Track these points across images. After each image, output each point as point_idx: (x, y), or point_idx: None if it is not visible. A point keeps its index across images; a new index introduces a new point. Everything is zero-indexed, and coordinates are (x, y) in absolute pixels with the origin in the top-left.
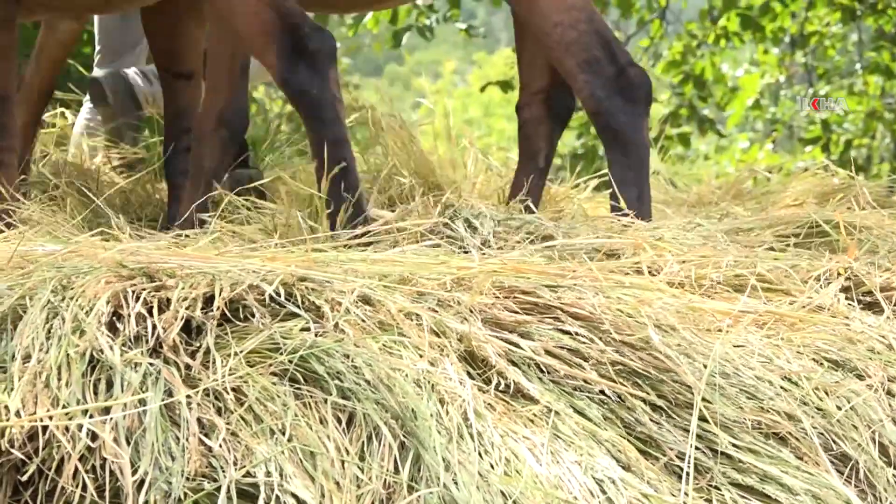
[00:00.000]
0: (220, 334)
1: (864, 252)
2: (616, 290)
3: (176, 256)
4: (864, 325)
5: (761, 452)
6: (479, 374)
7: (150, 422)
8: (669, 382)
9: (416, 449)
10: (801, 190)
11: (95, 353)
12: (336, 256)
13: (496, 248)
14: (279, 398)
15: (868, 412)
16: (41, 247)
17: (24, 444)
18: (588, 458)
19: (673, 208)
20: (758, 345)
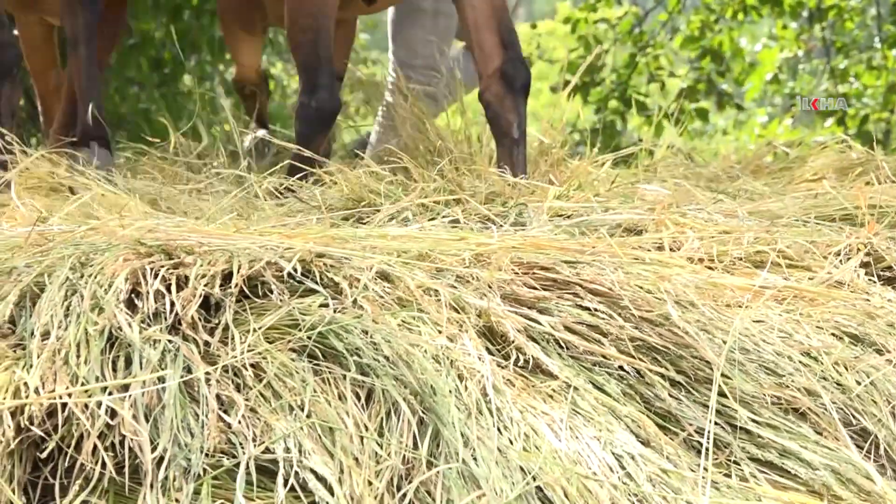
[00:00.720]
0: (238, 311)
1: (885, 227)
2: (636, 266)
3: (194, 233)
4: (883, 300)
5: (780, 428)
6: (498, 350)
7: (169, 399)
8: (689, 358)
9: (435, 425)
10: (820, 165)
11: (114, 331)
12: (355, 233)
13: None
14: (298, 374)
15: (888, 387)
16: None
17: (43, 422)
18: (607, 433)
19: (692, 183)
20: (777, 320)
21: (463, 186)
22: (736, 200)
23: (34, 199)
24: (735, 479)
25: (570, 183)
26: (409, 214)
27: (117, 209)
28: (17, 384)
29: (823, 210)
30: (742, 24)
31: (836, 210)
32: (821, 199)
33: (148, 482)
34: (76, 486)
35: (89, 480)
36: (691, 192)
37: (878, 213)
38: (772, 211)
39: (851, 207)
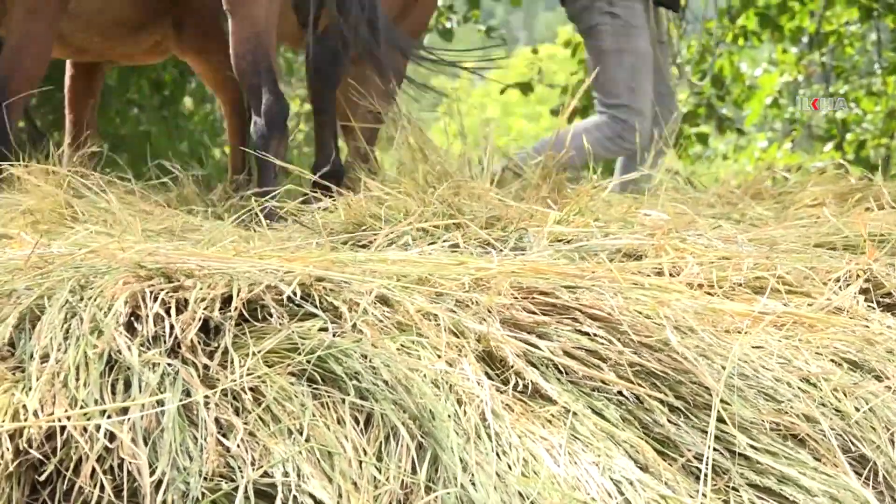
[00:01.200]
0: (237, 334)
1: (884, 253)
2: (635, 292)
3: (194, 257)
4: (882, 327)
5: (779, 454)
6: (497, 375)
7: (168, 422)
8: (687, 384)
9: (434, 449)
10: (819, 190)
11: (113, 354)
12: (354, 257)
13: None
14: (297, 398)
15: (887, 413)
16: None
17: (41, 444)
18: (606, 458)
19: (692, 208)
20: (776, 346)
21: (463, 211)
22: (736, 226)
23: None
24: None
25: (571, 208)
26: (409, 239)
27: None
28: (16, 407)
29: (823, 236)
30: (742, 48)
31: (836, 236)
32: (820, 226)
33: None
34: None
35: (88, 502)
36: (691, 217)
37: (877, 240)
38: (771, 237)
39: (851, 234)
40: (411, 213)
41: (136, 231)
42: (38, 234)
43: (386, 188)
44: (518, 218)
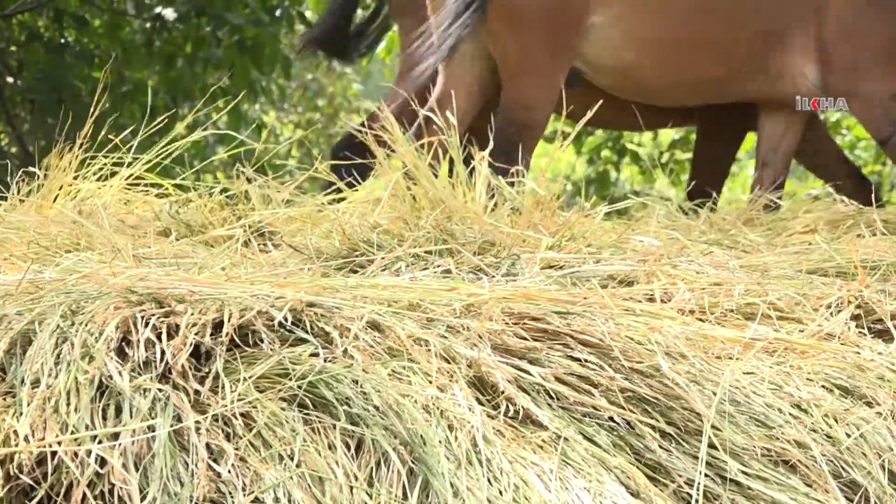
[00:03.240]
0: (229, 360)
1: (875, 280)
2: (626, 318)
3: (185, 282)
4: (873, 353)
5: (771, 480)
6: (489, 401)
7: (159, 447)
8: (679, 409)
9: (425, 475)
10: (812, 217)
11: (104, 379)
12: (346, 283)
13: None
14: (288, 424)
15: (877, 439)
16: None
17: (32, 470)
18: (597, 484)
19: (684, 234)
20: (767, 372)
21: (455, 236)
22: (727, 252)
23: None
24: None
25: (563, 234)
26: (402, 265)
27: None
28: (7, 432)
29: (814, 263)
30: None
31: (828, 263)
32: (812, 252)
33: None
34: None
35: None
36: (683, 243)
37: (868, 266)
38: (763, 263)
39: (842, 260)
40: (405, 239)
41: (128, 256)
42: (29, 259)
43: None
44: (510, 243)
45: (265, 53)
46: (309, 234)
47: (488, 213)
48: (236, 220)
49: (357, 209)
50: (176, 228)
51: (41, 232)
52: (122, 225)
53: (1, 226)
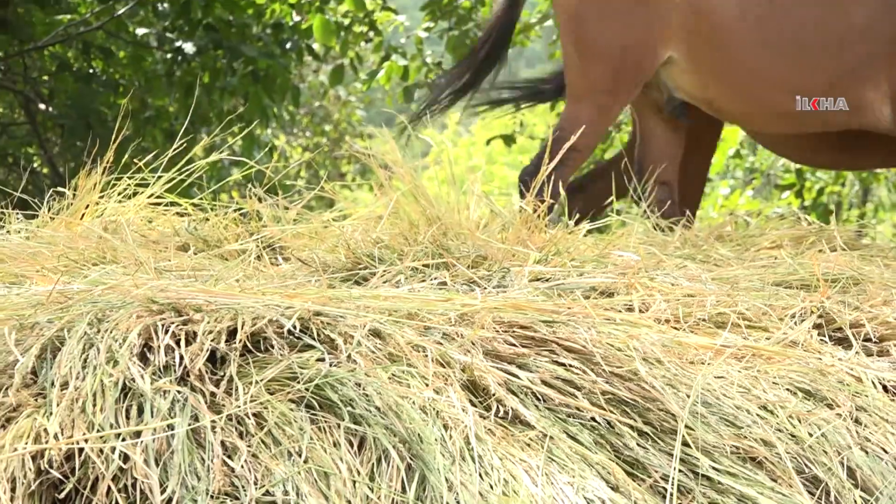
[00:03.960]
0: (242, 364)
1: (836, 292)
2: (607, 326)
3: (202, 293)
4: (834, 359)
5: (739, 475)
6: (480, 402)
7: (178, 445)
8: (655, 410)
9: (422, 471)
10: (778, 234)
11: (127, 382)
12: (350, 294)
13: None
14: (296, 423)
15: (837, 439)
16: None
17: (61, 465)
18: (580, 479)
19: (660, 250)
20: (737, 376)
21: (451, 251)
22: (700, 266)
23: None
24: None
25: (549, 249)
26: (401, 277)
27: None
28: (38, 430)
29: (780, 276)
30: None
31: (792, 276)
32: (778, 266)
33: None
34: None
35: None
36: (659, 257)
37: (829, 280)
38: (733, 276)
39: (806, 274)
40: (404, 254)
41: (150, 269)
42: (59, 272)
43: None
44: (501, 258)
45: (276, 83)
46: (316, 249)
47: (481, 229)
48: (249, 235)
49: (360, 226)
50: (194, 243)
51: (70, 246)
52: (144, 240)
53: (33, 240)
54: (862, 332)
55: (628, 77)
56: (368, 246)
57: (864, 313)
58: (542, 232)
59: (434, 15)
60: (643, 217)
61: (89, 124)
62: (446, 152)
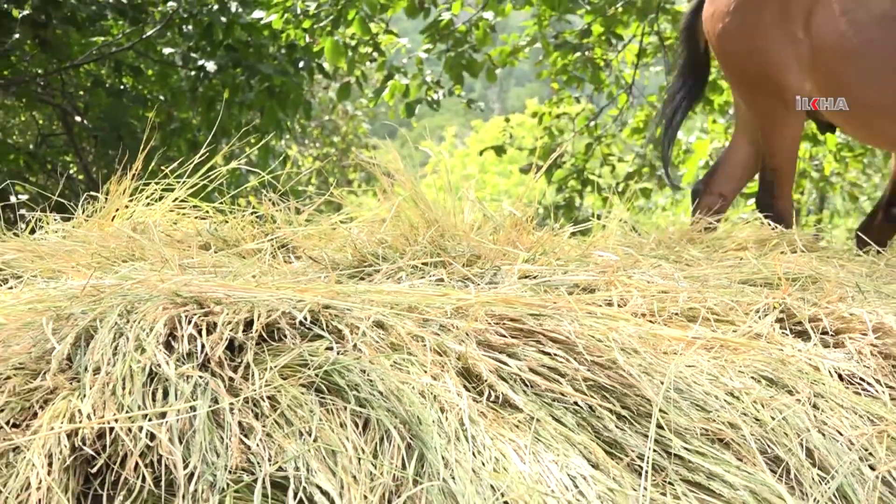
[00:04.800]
0: (257, 352)
1: (796, 289)
2: (589, 319)
3: (222, 287)
4: (794, 350)
5: (708, 455)
6: (474, 388)
7: (199, 425)
8: (632, 396)
9: (421, 449)
10: (743, 237)
11: (154, 367)
12: (356, 289)
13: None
14: (307, 406)
15: (797, 422)
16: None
17: (93, 442)
18: (564, 458)
19: (637, 250)
20: (706, 365)
21: (447, 251)
22: (673, 265)
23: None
24: (670, 498)
25: (536, 249)
26: (402, 274)
27: (158, 267)
28: (73, 411)
29: (745, 275)
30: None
31: (756, 275)
32: (743, 266)
33: (180, 494)
34: (121, 496)
35: (132, 492)
36: (636, 258)
37: (790, 278)
38: (703, 274)
39: (769, 273)
40: (405, 253)
41: (174, 266)
42: (93, 268)
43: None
44: (493, 257)
45: (290, 98)
46: (325, 248)
47: (475, 231)
48: (264, 236)
49: (365, 227)
50: (214, 243)
51: (102, 245)
52: (169, 240)
53: (69, 239)
54: (820, 325)
55: (783, 109)
56: (373, 246)
57: (821, 309)
58: (530, 234)
59: (433, 38)
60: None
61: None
62: (443, 162)
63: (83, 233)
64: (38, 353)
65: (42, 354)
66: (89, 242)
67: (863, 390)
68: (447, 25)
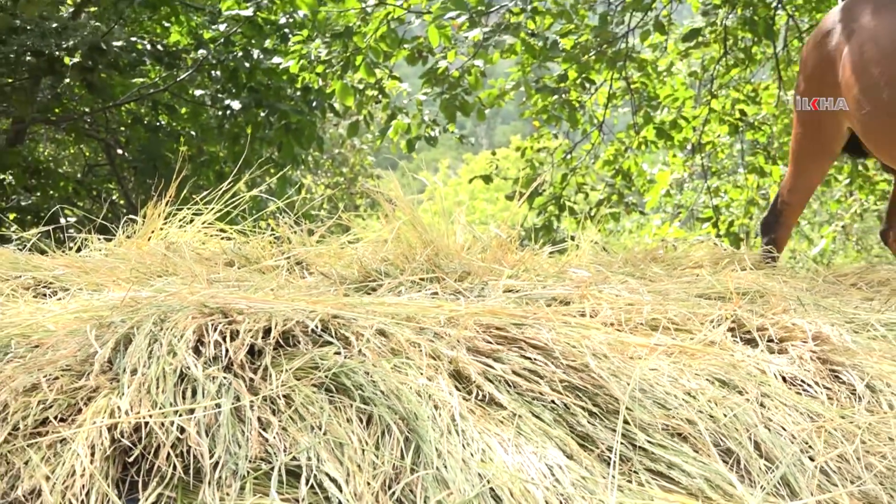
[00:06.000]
0: (274, 356)
1: (745, 302)
2: (564, 328)
3: (244, 299)
4: (744, 356)
5: (668, 447)
6: (464, 388)
7: (223, 420)
8: (602, 395)
9: (417, 442)
10: (699, 256)
11: (184, 370)
12: (361, 301)
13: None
14: (317, 403)
15: (746, 419)
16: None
17: (131, 435)
18: (542, 449)
19: (607, 268)
20: (667, 369)
21: (441, 267)
22: (638, 281)
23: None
24: (635, 485)
25: (519, 267)
26: (402, 288)
27: (188, 281)
28: (113, 407)
29: (701, 289)
30: (644, 153)
31: (711, 290)
32: (699, 282)
33: (206, 481)
34: (154, 482)
35: (164, 479)
36: (606, 274)
37: (740, 293)
38: (664, 289)
39: (721, 288)
40: (405, 270)
41: (203, 280)
42: (131, 282)
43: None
44: (481, 273)
45: (305, 134)
46: (334, 265)
47: (465, 251)
48: (281, 254)
49: (370, 247)
50: (238, 260)
51: (140, 262)
52: (198, 257)
53: (110, 257)
54: (766, 334)
55: (819, 147)
56: (376, 263)
57: (767, 319)
58: (513, 253)
59: (430, 82)
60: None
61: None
62: (438, 190)
63: (123, 251)
64: (83, 356)
65: (86, 358)
66: (128, 259)
67: (803, 391)
68: (443, 72)
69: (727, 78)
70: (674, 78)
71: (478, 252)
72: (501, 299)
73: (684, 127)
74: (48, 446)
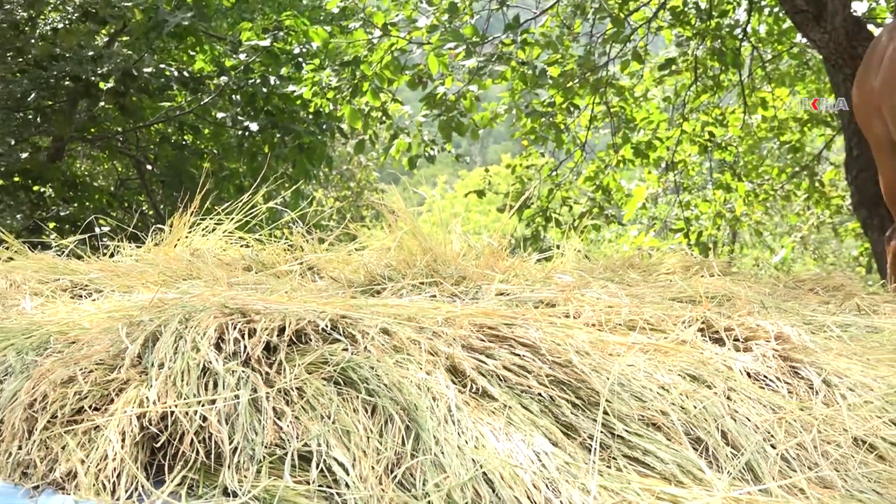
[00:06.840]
0: (288, 352)
1: (714, 305)
2: (550, 328)
3: (260, 300)
4: (712, 354)
5: (644, 436)
6: (459, 381)
7: (242, 409)
8: (584, 388)
9: (417, 430)
10: (672, 263)
11: (206, 364)
12: (366, 302)
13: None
14: (327, 395)
15: (714, 410)
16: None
17: (158, 423)
18: (530, 437)
19: (589, 274)
20: (643, 365)
21: (439, 272)
22: (617, 286)
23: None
24: (613, 470)
25: (509, 272)
26: (404, 292)
27: (210, 284)
28: (142, 398)
29: (674, 293)
30: (622, 170)
31: (683, 294)
32: (672, 287)
33: (226, 465)
34: (178, 466)
35: (188, 463)
36: (588, 279)
37: (709, 297)
38: (641, 293)
39: (692, 292)
40: (406, 275)
41: (223, 283)
42: (158, 284)
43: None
44: (475, 278)
45: (316, 153)
46: (343, 270)
47: (461, 258)
48: (295, 260)
49: (375, 254)
50: (255, 265)
51: (167, 267)
52: (219, 262)
53: (140, 262)
54: (732, 334)
55: (876, 145)
56: (380, 268)
57: (734, 321)
58: (504, 260)
59: (429, 105)
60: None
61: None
62: (436, 203)
63: (152, 257)
64: (115, 351)
65: (118, 353)
66: (156, 264)
67: (766, 385)
68: (441, 96)
69: (698, 102)
70: (649, 103)
71: (472, 259)
72: (493, 301)
73: (658, 147)
74: (83, 433)
